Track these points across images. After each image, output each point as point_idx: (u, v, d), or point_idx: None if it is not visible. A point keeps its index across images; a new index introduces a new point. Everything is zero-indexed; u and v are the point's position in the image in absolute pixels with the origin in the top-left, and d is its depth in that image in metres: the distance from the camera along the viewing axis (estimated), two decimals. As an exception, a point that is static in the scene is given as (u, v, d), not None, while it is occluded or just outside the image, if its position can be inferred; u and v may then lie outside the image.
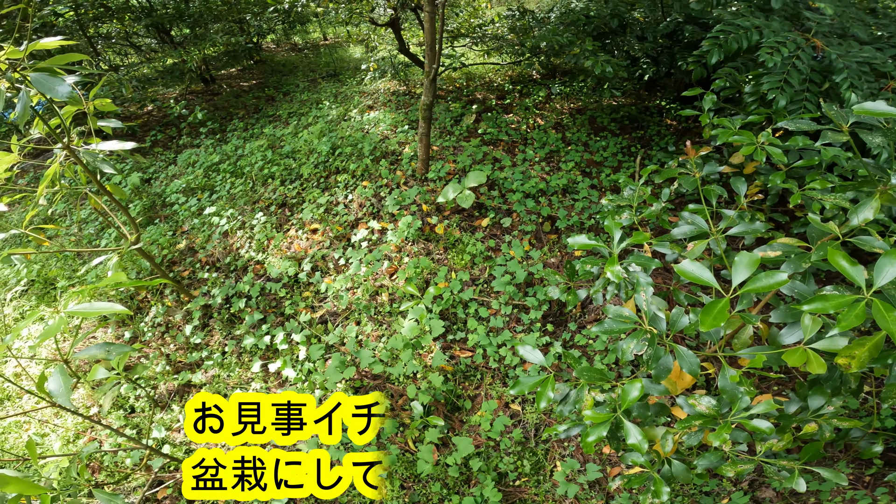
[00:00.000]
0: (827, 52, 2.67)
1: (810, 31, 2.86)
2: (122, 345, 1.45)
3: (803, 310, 1.13)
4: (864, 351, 1.13)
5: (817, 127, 1.83)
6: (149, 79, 5.38)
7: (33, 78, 1.90)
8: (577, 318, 2.81)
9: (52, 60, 2.04)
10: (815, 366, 1.18)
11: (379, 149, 4.06)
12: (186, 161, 4.70)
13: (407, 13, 5.13)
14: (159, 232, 3.84)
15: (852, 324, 0.98)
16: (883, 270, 1.00)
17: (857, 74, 2.54)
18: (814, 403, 1.42)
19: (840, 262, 1.08)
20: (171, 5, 5.42)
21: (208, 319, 3.16)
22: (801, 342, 1.23)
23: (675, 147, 4.03)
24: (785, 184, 1.82)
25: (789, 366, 1.21)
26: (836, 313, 1.06)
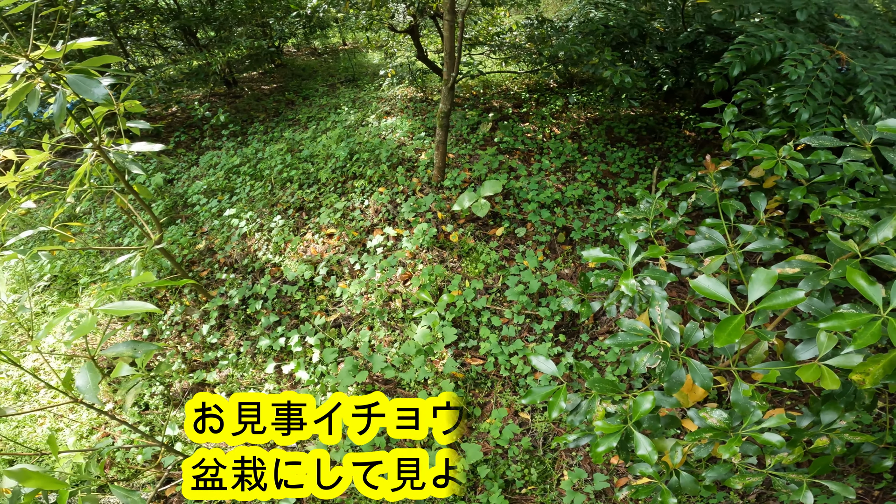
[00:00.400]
0: (852, 65, 2.65)
1: (835, 43, 2.84)
2: (147, 343, 1.51)
3: (820, 327, 1.15)
4: (879, 368, 1.14)
5: (839, 143, 1.84)
6: (174, 80, 5.53)
7: (70, 79, 1.98)
8: (590, 330, 2.82)
9: (88, 62, 2.11)
10: (829, 381, 1.20)
11: (396, 155, 4.12)
12: (208, 163, 4.82)
13: (426, 20, 5.21)
14: (180, 232, 3.95)
15: (868, 341, 1.01)
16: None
17: (881, 87, 2.54)
18: (826, 418, 1.43)
19: (858, 280, 1.10)
20: (198, 8, 5.58)
21: (224, 320, 3.24)
22: (815, 358, 1.25)
23: (693, 159, 4.01)
24: (805, 199, 1.82)
25: (803, 381, 1.22)
26: (852, 331, 1.08)
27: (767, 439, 1.25)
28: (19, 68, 1.94)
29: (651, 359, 1.42)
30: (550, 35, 4.56)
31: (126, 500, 1.61)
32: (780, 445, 1.24)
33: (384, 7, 4.64)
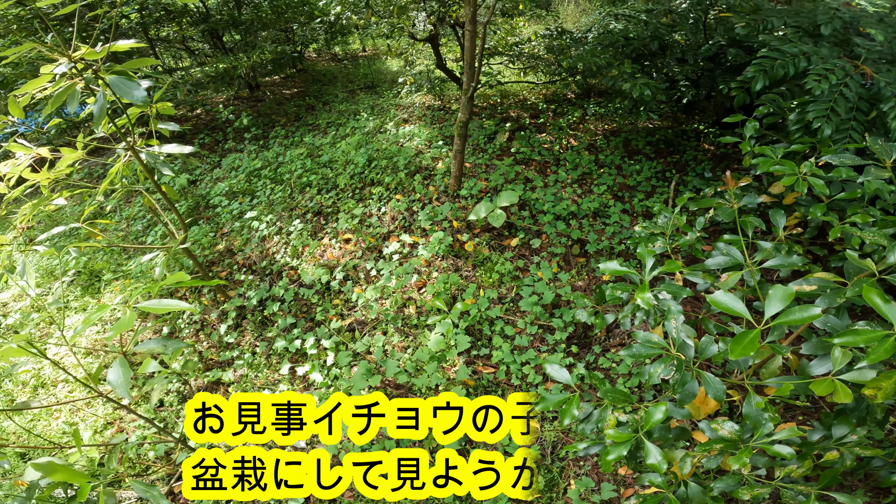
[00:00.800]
0: (876, 80, 2.62)
1: (860, 57, 2.80)
2: (177, 341, 1.59)
3: (834, 343, 1.19)
4: (891, 383, 1.17)
5: (860, 161, 1.84)
6: (200, 83, 5.69)
7: (111, 81, 2.05)
8: (602, 342, 2.85)
9: (129, 64, 2.19)
10: (841, 395, 1.23)
11: (413, 163, 4.19)
12: (230, 165, 4.95)
13: (446, 29, 5.28)
14: (202, 232, 4.06)
15: (880, 357, 1.04)
16: None
17: None
18: (837, 432, 1.46)
19: (874, 299, 1.13)
20: (225, 12, 5.75)
21: (242, 320, 3.33)
22: (829, 373, 1.27)
23: (712, 173, 4.01)
24: (825, 216, 1.84)
25: (816, 395, 1.25)
26: (866, 347, 1.11)
27: (778, 451, 1.27)
28: (61, 68, 2.00)
29: (665, 370, 1.46)
30: (569, 46, 4.60)
31: (145, 493, 1.68)
32: (790, 457, 1.27)
33: (405, 16, 4.73)
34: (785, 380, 1.44)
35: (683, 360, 1.47)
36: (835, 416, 1.49)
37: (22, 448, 2.78)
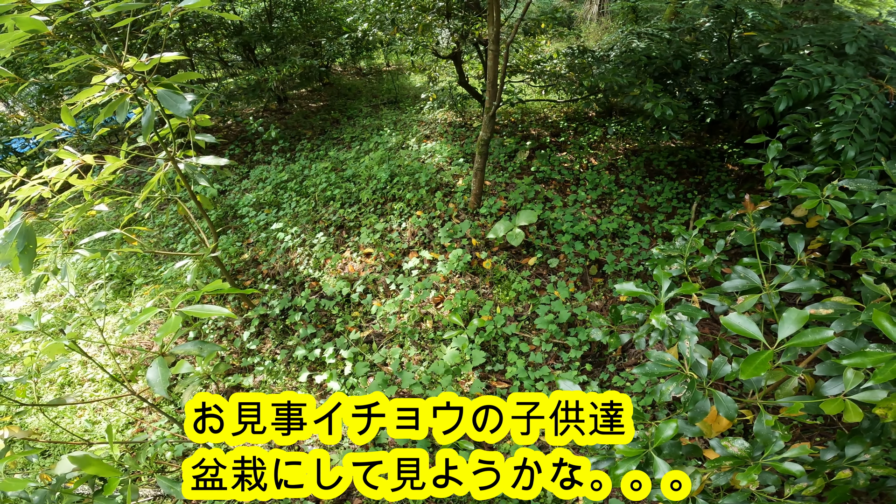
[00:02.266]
0: None
1: (884, 76, 2.79)
2: (212, 344, 1.71)
3: (843, 363, 1.24)
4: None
5: (877, 186, 1.87)
6: (233, 94, 5.96)
7: (160, 94, 2.15)
8: (617, 361, 2.89)
9: (176, 78, 2.31)
10: (852, 415, 1.28)
11: (434, 180, 4.32)
12: (258, 177, 5.17)
13: (468, 47, 5.44)
14: (229, 242, 4.26)
15: (887, 378, 1.09)
16: None
17: None
18: (850, 451, 1.48)
19: (883, 322, 1.19)
20: (257, 25, 6.03)
21: (264, 328, 3.47)
22: (841, 394, 1.32)
23: (735, 195, 4.02)
24: (848, 240, 1.87)
25: (826, 413, 1.30)
26: (873, 368, 1.15)
27: (788, 468, 1.31)
28: (112, 79, 2.11)
29: (677, 388, 1.52)
30: (591, 64, 4.68)
31: (169, 489, 1.80)
32: (800, 475, 1.31)
33: (429, 33, 4.90)
34: (796, 399, 1.49)
35: (696, 379, 1.53)
36: (849, 436, 1.52)
37: (43, 445, 2.94)
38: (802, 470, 1.28)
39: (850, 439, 1.51)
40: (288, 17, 6.26)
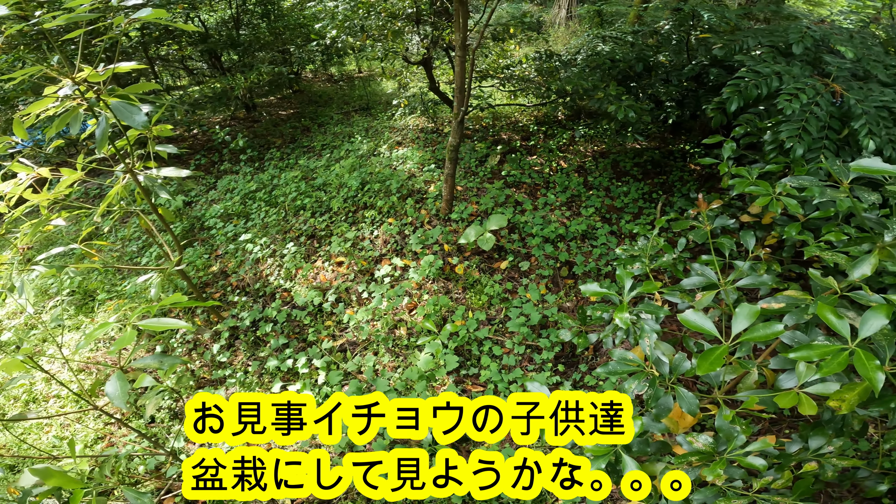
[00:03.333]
0: (846, 98, 2.69)
1: (830, 75, 2.88)
2: (173, 356, 1.70)
3: (790, 357, 1.30)
4: (854, 395, 1.27)
5: (818, 183, 1.96)
6: (198, 103, 5.87)
7: (114, 105, 2.11)
8: (589, 361, 2.96)
9: (131, 89, 2.28)
10: (806, 407, 1.33)
11: (406, 186, 4.34)
12: (226, 187, 5.09)
13: (439, 53, 5.50)
14: (196, 254, 4.18)
15: (834, 370, 1.12)
16: (867, 323, 1.15)
17: (875, 120, 2.58)
18: (814, 444, 1.54)
19: (827, 315, 1.24)
20: (224, 32, 5.96)
21: (234, 340, 3.43)
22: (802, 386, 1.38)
23: (698, 194, 4.15)
24: (801, 235, 1.96)
25: (781, 406, 1.35)
26: (821, 360, 1.19)
27: (752, 462, 1.37)
28: (65, 90, 2.07)
29: (639, 386, 1.57)
30: (558, 68, 4.78)
31: (136, 501, 1.77)
32: (763, 469, 1.36)
33: (399, 39, 4.94)
34: (752, 393, 1.56)
35: (657, 377, 1.59)
36: (812, 428, 1.59)
37: (11, 460, 2.86)
38: (766, 464, 1.34)
39: (812, 431, 1.57)
40: (256, 23, 6.21)
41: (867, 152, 2.62)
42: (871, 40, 3.27)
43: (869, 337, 1.20)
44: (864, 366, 1.07)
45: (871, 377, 1.03)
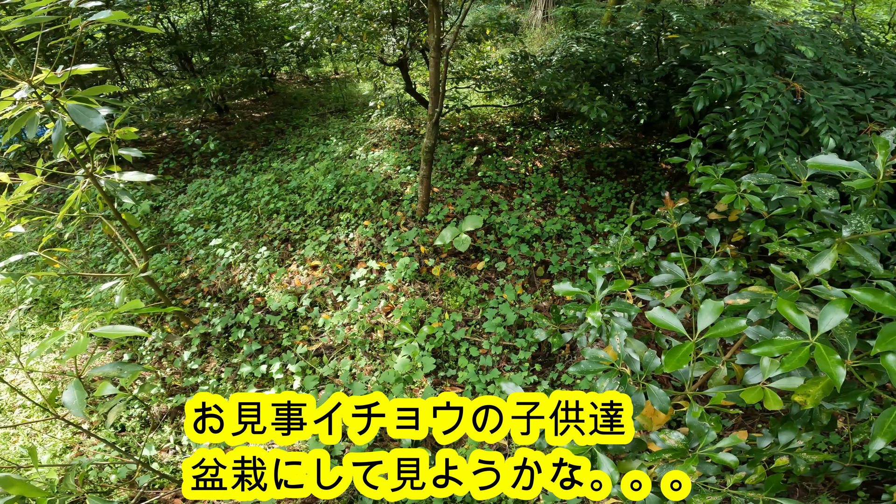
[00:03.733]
0: (807, 97, 2.77)
1: (791, 74, 2.96)
2: (133, 364, 1.64)
3: (752, 353, 1.32)
4: (818, 389, 1.29)
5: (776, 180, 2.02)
6: (166, 105, 5.73)
7: (70, 108, 2.06)
8: (566, 360, 2.98)
9: (89, 91, 2.22)
10: (772, 402, 1.34)
11: (381, 189, 4.31)
12: (196, 191, 4.98)
13: (415, 54, 5.48)
14: (165, 260, 4.07)
15: (795, 365, 1.14)
16: (826, 317, 1.17)
17: (835, 119, 2.66)
18: (783, 438, 1.57)
19: (787, 311, 1.25)
20: (195, 33, 5.83)
21: (206, 347, 3.35)
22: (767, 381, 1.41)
23: (668, 192, 4.23)
24: (764, 232, 2.01)
25: (747, 402, 1.37)
26: (782, 356, 1.21)
27: (723, 459, 1.39)
28: (21, 94, 2.02)
29: (611, 384, 1.58)
30: (533, 69, 4.82)
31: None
32: (734, 465, 1.39)
33: (375, 40, 4.91)
34: (719, 389, 1.58)
35: (628, 374, 1.61)
36: (781, 423, 1.63)
37: None
38: (736, 460, 1.36)
39: (781, 426, 1.61)
40: (228, 25, 6.09)
41: (827, 150, 2.71)
42: (831, 40, 3.38)
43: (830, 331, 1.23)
44: (825, 360, 1.09)
45: (831, 371, 1.05)
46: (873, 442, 0.99)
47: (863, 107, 2.77)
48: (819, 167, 1.46)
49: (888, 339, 1.00)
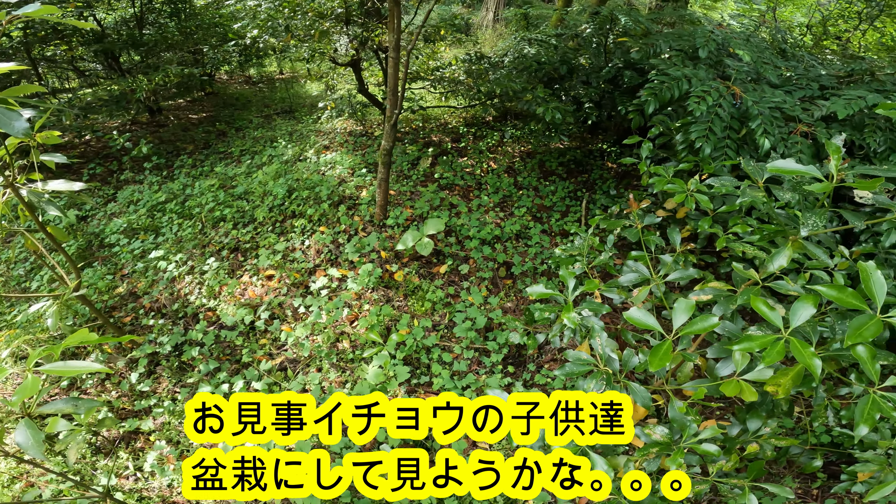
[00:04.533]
0: (744, 99, 2.95)
1: (730, 78, 3.14)
2: (89, 400, 1.49)
3: (733, 349, 1.38)
4: (788, 379, 1.38)
5: (738, 182, 2.16)
6: (91, 106, 5.27)
7: None
8: (535, 360, 3.02)
9: (10, 92, 2.01)
10: (748, 394, 1.42)
11: (336, 193, 4.19)
12: (128, 198, 4.62)
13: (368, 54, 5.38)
14: (97, 275, 3.75)
15: (775, 359, 1.20)
16: (797, 313, 1.23)
17: (769, 120, 2.84)
18: (752, 426, 1.67)
19: (761, 307, 1.33)
20: (124, 31, 5.39)
21: (155, 367, 3.11)
22: (734, 374, 1.49)
23: (616, 191, 4.41)
24: (712, 228, 2.13)
25: (727, 395, 1.45)
26: (760, 351, 1.27)
27: (706, 449, 1.46)
28: None
29: (597, 385, 1.62)
30: (487, 70, 4.86)
31: None
32: (717, 454, 1.45)
33: (326, 40, 4.76)
34: (699, 384, 1.66)
35: (611, 374, 1.65)
36: (746, 411, 1.72)
37: None
38: (719, 450, 1.42)
39: (748, 414, 1.71)
40: (163, 23, 5.69)
41: (763, 150, 2.92)
42: (762, 44, 3.65)
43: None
44: (801, 353, 1.16)
45: (809, 364, 1.12)
46: (857, 428, 1.06)
47: (792, 108, 2.99)
48: (778, 171, 1.56)
49: (857, 331, 1.07)
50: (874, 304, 1.13)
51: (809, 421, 1.81)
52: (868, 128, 3.01)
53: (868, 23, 5.86)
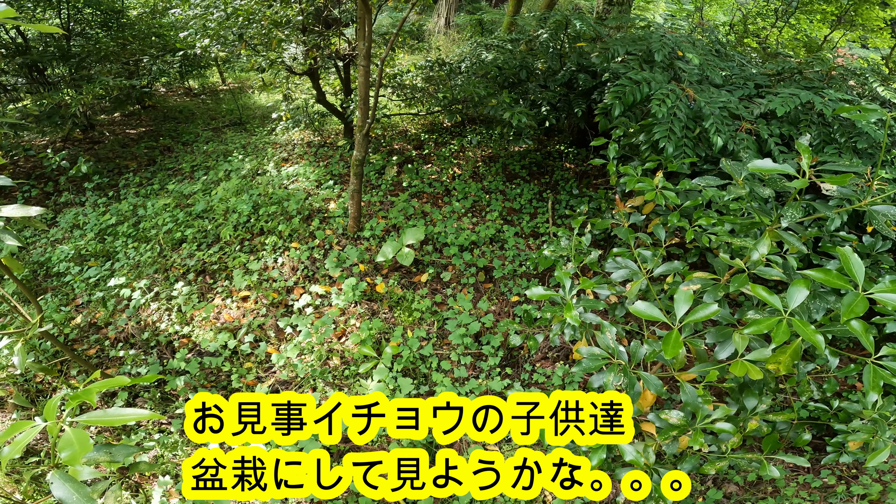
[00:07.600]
0: (698, 101, 3.20)
1: (682, 80, 3.39)
2: (124, 445, 1.43)
3: (744, 333, 1.53)
4: (787, 357, 1.55)
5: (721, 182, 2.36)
6: (20, 123, 4.88)
7: None
8: (528, 359, 3.15)
9: None
10: (753, 373, 1.58)
11: (305, 207, 4.15)
12: (71, 222, 4.35)
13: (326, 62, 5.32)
14: (51, 307, 3.50)
15: (783, 338, 1.35)
16: (793, 296, 1.40)
17: (720, 119, 3.09)
18: (749, 404, 1.85)
19: (760, 292, 1.50)
20: (51, 43, 5.03)
21: (135, 399, 2.96)
22: (732, 356, 1.63)
23: (578, 190, 4.63)
24: (679, 222, 2.34)
25: (737, 375, 1.58)
26: (767, 332, 1.43)
27: (721, 428, 1.61)
28: None
29: (616, 377, 1.74)
30: (448, 77, 4.96)
31: None
32: (733, 432, 1.61)
33: (281, 48, 4.68)
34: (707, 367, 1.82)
35: (627, 366, 1.78)
36: (740, 391, 1.91)
37: None
38: (734, 428, 1.59)
39: (744, 393, 1.89)
40: (93, 33, 5.34)
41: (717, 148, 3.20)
42: (706, 46, 3.97)
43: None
44: (804, 331, 1.34)
45: (812, 339, 1.30)
46: (867, 396, 1.25)
47: (736, 108, 3.29)
48: (757, 171, 1.77)
49: (851, 308, 1.26)
50: (856, 283, 1.31)
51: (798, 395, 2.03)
52: (802, 123, 3.38)
53: (784, 20, 6.49)
